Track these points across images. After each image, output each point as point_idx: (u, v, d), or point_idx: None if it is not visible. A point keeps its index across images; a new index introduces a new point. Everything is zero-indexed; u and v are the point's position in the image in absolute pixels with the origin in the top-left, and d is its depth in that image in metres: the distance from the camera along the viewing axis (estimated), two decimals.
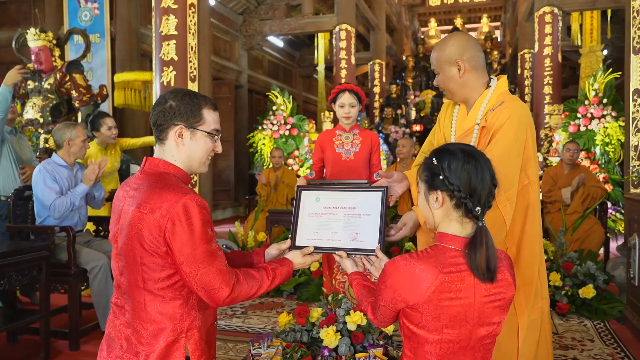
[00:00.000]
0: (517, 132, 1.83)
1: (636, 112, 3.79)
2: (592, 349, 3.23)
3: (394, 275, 1.34)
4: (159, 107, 1.55)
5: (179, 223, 1.41)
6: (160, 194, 1.44)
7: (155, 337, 1.47)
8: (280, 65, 13.41)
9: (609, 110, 6.32)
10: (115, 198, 1.59)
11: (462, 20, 17.07)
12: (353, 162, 3.29)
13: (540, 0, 8.98)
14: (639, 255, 3.36)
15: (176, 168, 1.56)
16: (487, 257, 1.30)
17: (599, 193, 4.79)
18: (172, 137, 1.55)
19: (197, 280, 1.44)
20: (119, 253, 1.51)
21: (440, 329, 1.32)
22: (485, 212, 1.36)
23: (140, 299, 1.47)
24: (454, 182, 1.33)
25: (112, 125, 4.42)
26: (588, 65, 10.43)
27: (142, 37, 7.97)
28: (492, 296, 1.35)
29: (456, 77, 1.94)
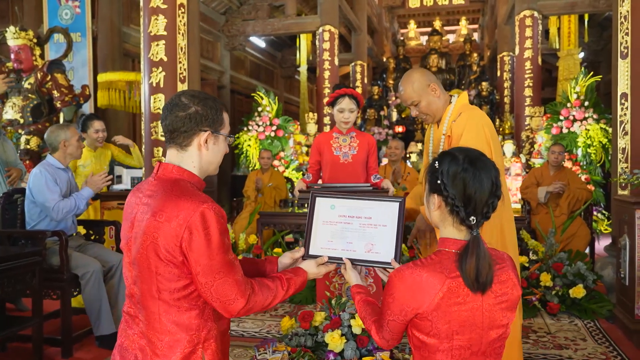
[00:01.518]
0: (477, 133, 2.15)
1: (623, 115, 3.88)
2: (585, 349, 3.29)
3: (401, 286, 1.34)
4: (182, 113, 1.48)
5: (196, 232, 1.37)
6: (177, 202, 1.39)
7: (172, 349, 1.43)
8: (262, 65, 13.34)
9: (591, 113, 6.45)
10: (126, 205, 1.54)
11: (441, 22, 17.25)
12: (351, 165, 3.28)
13: (521, 4, 9.13)
14: (629, 255, 3.44)
15: (191, 174, 1.51)
16: (476, 268, 1.30)
17: (585, 195, 4.90)
18: (197, 143, 1.50)
19: (212, 291, 1.40)
20: (133, 262, 1.46)
21: (451, 336, 1.32)
22: (482, 222, 1.36)
23: (155, 309, 1.43)
24: (449, 189, 1.34)
25: (100, 128, 4.37)
26: (566, 68, 10.64)
27: (125, 37, 7.84)
28: (499, 297, 1.35)
29: (435, 99, 2.31)
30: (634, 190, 3.68)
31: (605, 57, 12.44)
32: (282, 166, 7.58)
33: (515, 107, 9.46)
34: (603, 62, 12.23)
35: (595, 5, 8.93)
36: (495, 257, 1.38)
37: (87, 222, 3.85)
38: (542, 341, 3.42)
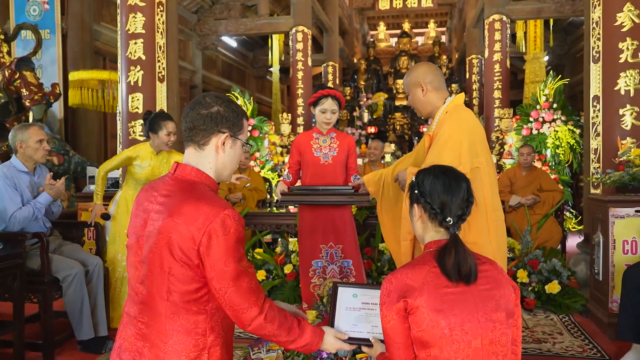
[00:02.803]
0: (450, 134, 2.20)
1: (595, 117, 4.03)
2: (562, 342, 3.41)
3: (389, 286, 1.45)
4: (203, 110, 1.48)
5: (215, 238, 1.36)
6: (197, 205, 1.38)
7: (175, 352, 1.40)
8: (234, 65, 13.26)
9: (559, 115, 6.67)
10: (137, 202, 1.51)
11: (410, 24, 17.50)
12: (331, 166, 3.29)
13: (490, 9, 9.35)
14: (603, 252, 3.58)
15: (208, 177, 1.51)
16: (456, 262, 1.42)
17: (558, 197, 5.08)
18: (214, 143, 1.50)
19: (226, 297, 1.39)
20: (143, 261, 1.43)
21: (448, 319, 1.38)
22: (459, 224, 1.50)
23: (162, 310, 1.40)
24: (426, 196, 1.51)
25: (173, 131, 3.70)
26: (532, 71, 10.96)
27: (96, 34, 7.68)
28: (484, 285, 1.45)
29: (421, 96, 2.37)
30: (607, 189, 3.83)
31: (569, 60, 12.87)
32: (258, 166, 7.56)
33: (484, 109, 9.68)
34: (567, 66, 12.63)
35: (561, 10, 9.24)
36: (477, 255, 1.51)
37: (65, 223, 3.76)
38: (522, 336, 3.52)
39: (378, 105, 13.15)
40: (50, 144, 6.05)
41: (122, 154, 3.64)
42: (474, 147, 2.22)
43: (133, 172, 3.69)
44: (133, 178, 3.71)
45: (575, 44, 12.58)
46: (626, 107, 3.86)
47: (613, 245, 3.48)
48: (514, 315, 1.49)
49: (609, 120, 3.92)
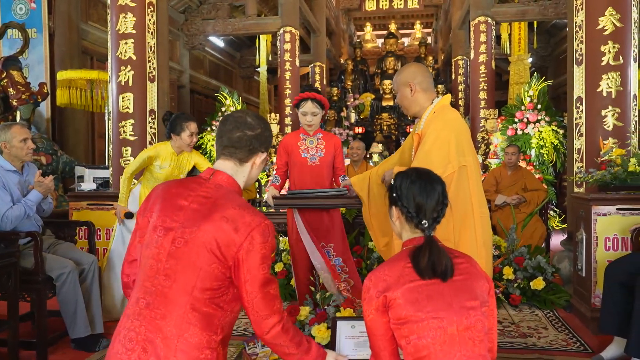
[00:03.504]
0: (438, 134, 2.28)
1: (579, 118, 4.14)
2: (547, 336, 3.51)
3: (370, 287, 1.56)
4: (250, 132, 1.59)
5: (256, 244, 1.47)
6: (241, 212, 1.49)
7: (189, 346, 1.44)
8: (221, 65, 13.26)
9: (543, 116, 6.81)
10: (164, 196, 1.56)
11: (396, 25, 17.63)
12: (318, 167, 3.33)
13: (476, 11, 9.49)
14: (586, 249, 3.69)
15: (240, 187, 1.62)
16: (431, 262, 1.52)
17: (542, 196, 5.21)
18: (252, 161, 1.63)
19: (254, 302, 1.50)
20: (171, 255, 1.48)
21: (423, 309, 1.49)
22: (434, 225, 1.61)
23: (183, 303, 1.45)
24: (403, 199, 1.62)
25: (195, 131, 3.69)
26: (516, 73, 11.12)
27: (83, 34, 7.65)
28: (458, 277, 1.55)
29: (409, 96, 2.45)
30: (590, 188, 3.94)
31: (552, 62, 13.09)
32: None
33: (470, 109, 9.82)
34: (550, 67, 12.84)
35: (545, 13, 9.41)
36: (450, 251, 1.62)
37: (57, 222, 3.77)
38: (508, 331, 3.62)
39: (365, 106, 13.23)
40: (38, 143, 6.06)
41: (143, 155, 3.68)
42: (461, 146, 2.31)
43: (152, 171, 3.73)
44: (152, 177, 3.75)
45: (558, 46, 12.80)
46: (608, 108, 3.97)
47: (595, 242, 3.60)
48: (488, 304, 1.59)
49: (592, 121, 4.03)
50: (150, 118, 4.70)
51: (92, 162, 7.84)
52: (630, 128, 3.96)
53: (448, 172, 2.22)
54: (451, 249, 1.65)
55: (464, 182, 2.28)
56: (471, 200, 2.28)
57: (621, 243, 3.55)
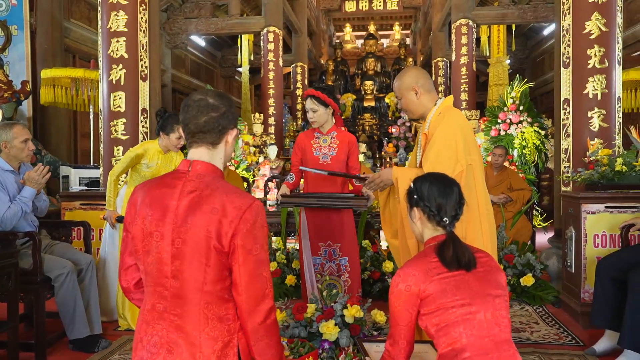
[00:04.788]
0: (446, 134, 2.34)
1: (566, 119, 4.27)
2: (539, 331, 3.62)
3: (399, 282, 1.66)
4: (215, 114, 1.54)
5: (247, 224, 1.44)
6: (229, 198, 1.45)
7: (212, 339, 1.46)
8: (202, 65, 13.17)
9: (525, 117, 6.96)
10: (151, 198, 1.52)
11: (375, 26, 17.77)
12: (329, 167, 3.34)
13: (457, 13, 9.65)
14: (575, 245, 3.81)
15: (220, 170, 1.58)
16: (455, 255, 1.65)
17: (528, 196, 5.35)
18: (225, 140, 1.58)
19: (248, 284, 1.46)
20: (174, 256, 1.46)
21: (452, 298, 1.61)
22: (454, 222, 1.75)
23: (197, 300, 1.46)
24: (425, 200, 1.75)
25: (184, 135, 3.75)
26: (495, 74, 11.35)
27: (66, 31, 7.52)
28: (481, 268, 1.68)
29: (414, 99, 2.49)
30: (577, 187, 4.07)
31: (529, 64, 13.39)
32: (233, 166, 7.57)
33: None
34: (527, 69, 13.13)
35: (524, 16, 9.62)
36: (470, 246, 1.74)
37: (52, 223, 3.72)
38: None
39: (346, 106, 13.31)
40: None
41: (131, 153, 3.61)
42: (467, 145, 2.37)
43: (139, 170, 3.67)
44: (139, 176, 3.68)
45: (535, 49, 13.10)
46: (594, 110, 4.11)
47: (585, 239, 3.72)
48: (505, 294, 1.71)
49: (578, 122, 4.16)
50: (143, 117, 4.67)
51: (75, 161, 7.72)
52: (615, 129, 4.11)
53: (457, 171, 2.28)
54: (471, 245, 1.75)
55: (470, 180, 2.35)
56: (477, 197, 2.35)
57: (609, 240, 3.68)
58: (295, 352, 2.44)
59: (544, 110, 10.94)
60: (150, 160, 3.63)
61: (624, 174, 3.71)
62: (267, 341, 1.49)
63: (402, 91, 2.52)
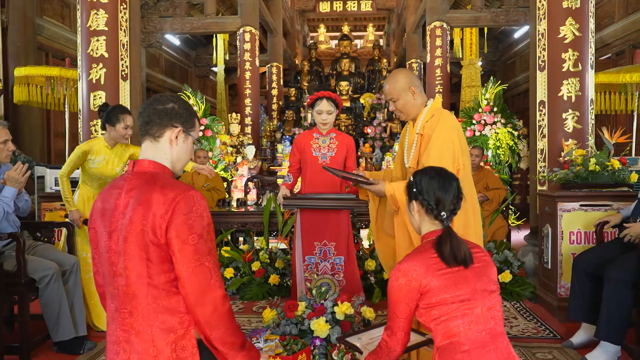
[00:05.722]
0: (445, 135, 2.41)
1: (541, 120, 4.41)
2: (518, 325, 3.73)
3: (399, 276, 1.70)
4: (159, 106, 1.60)
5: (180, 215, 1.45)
6: (163, 191, 1.47)
7: (164, 332, 1.48)
8: (177, 64, 13.04)
9: (499, 118, 7.14)
10: (101, 201, 1.57)
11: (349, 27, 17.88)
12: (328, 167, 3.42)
13: (432, 16, 9.81)
14: (551, 242, 3.95)
15: (166, 168, 1.61)
16: (451, 250, 1.70)
17: (503, 195, 5.49)
18: (168, 137, 1.61)
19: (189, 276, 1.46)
20: (119, 252, 1.49)
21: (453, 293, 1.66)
22: (451, 217, 1.79)
23: (144, 296, 1.48)
24: (424, 193, 1.78)
25: (130, 124, 3.65)
26: (468, 76, 11.57)
27: (39, 29, 7.37)
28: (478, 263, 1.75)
29: (411, 100, 2.53)
30: (553, 186, 4.21)
31: (501, 66, 13.69)
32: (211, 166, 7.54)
33: None
34: (499, 72, 13.42)
35: (496, 20, 9.84)
36: (466, 241, 1.78)
37: (34, 224, 3.66)
38: None
39: None
40: None
41: (77, 151, 3.59)
42: (461, 147, 2.48)
43: (87, 168, 3.65)
44: (87, 175, 3.67)
45: (506, 52, 13.41)
46: (568, 111, 4.26)
47: (561, 237, 3.86)
48: (498, 289, 1.79)
49: (554, 124, 4.31)
50: None
51: (49, 161, 7.56)
52: (588, 130, 4.27)
53: (455, 171, 2.36)
54: (467, 240, 1.80)
55: (465, 181, 2.44)
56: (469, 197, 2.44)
57: (584, 237, 3.82)
58: (289, 350, 2.48)
59: (516, 111, 11.22)
60: (97, 156, 3.61)
61: (598, 173, 3.86)
62: (223, 330, 1.49)
63: (398, 92, 2.52)
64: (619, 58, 8.14)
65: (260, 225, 4.91)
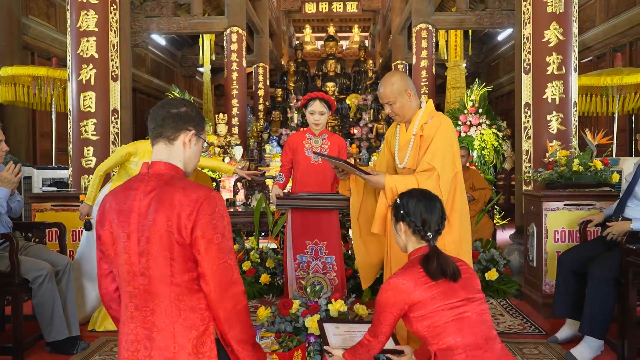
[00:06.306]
0: (446, 136, 2.53)
1: (527, 122, 4.52)
2: (505, 322, 3.83)
3: (388, 289, 1.83)
4: (173, 110, 1.64)
5: (206, 215, 1.50)
6: (186, 193, 1.52)
7: (187, 329, 1.53)
8: (162, 64, 12.99)
9: (484, 119, 7.27)
10: (117, 202, 1.59)
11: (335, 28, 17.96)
12: (321, 167, 3.46)
13: (417, 18, 9.93)
14: (536, 241, 4.05)
15: (179, 169, 1.65)
16: (439, 267, 1.82)
17: (489, 195, 5.61)
18: (182, 140, 1.65)
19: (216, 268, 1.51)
20: (141, 254, 1.53)
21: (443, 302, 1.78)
22: (436, 237, 1.91)
23: (167, 294, 1.52)
24: (410, 215, 1.91)
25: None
26: (453, 78, 11.71)
27: (25, 28, 7.31)
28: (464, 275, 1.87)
29: (408, 103, 2.60)
30: (538, 186, 4.32)
31: (485, 68, 13.88)
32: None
33: None
34: (483, 73, 13.61)
35: (481, 22, 9.97)
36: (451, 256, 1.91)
37: (25, 224, 3.66)
38: None
39: None
40: None
41: (121, 151, 3.62)
42: (457, 151, 2.59)
43: (128, 168, 3.67)
44: (127, 173, 3.69)
45: (490, 54, 13.59)
46: (553, 113, 4.37)
47: (546, 235, 3.96)
48: (483, 296, 1.91)
49: (538, 125, 4.41)
50: (113, 117, 4.63)
51: (34, 162, 7.50)
52: (571, 131, 4.38)
53: (453, 172, 2.50)
54: (451, 255, 1.92)
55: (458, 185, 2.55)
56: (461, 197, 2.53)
57: (568, 235, 3.94)
58: (285, 346, 2.53)
59: (499, 112, 11.39)
60: (140, 158, 3.64)
61: (581, 173, 3.97)
62: (240, 327, 1.56)
63: (395, 96, 2.58)
64: (600, 61, 8.32)
65: (249, 225, 4.95)
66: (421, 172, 2.45)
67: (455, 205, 2.58)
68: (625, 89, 5.91)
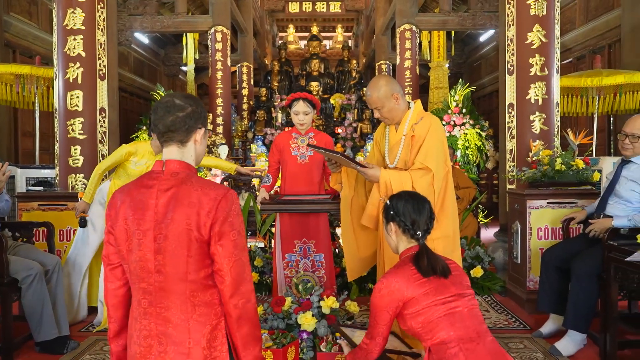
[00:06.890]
0: (438, 136, 2.60)
1: (510, 122, 4.62)
2: (490, 318, 3.91)
3: (382, 289, 1.90)
4: (181, 113, 1.61)
5: (224, 213, 1.53)
6: (204, 191, 1.54)
7: (201, 324, 1.55)
8: (145, 62, 12.89)
9: (468, 119, 7.38)
10: (131, 199, 1.59)
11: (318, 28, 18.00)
12: (308, 166, 3.49)
13: (401, 19, 10.01)
14: (520, 238, 4.15)
15: (193, 167, 1.66)
16: (430, 264, 1.90)
17: (473, 193, 5.70)
18: (193, 139, 1.65)
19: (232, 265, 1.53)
20: (157, 251, 1.54)
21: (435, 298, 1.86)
22: (426, 236, 2.01)
23: (182, 291, 1.54)
24: (400, 216, 1.99)
25: None
26: (436, 78, 11.87)
27: (6, 25, 7.21)
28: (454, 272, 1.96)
29: (396, 106, 2.66)
30: (521, 184, 4.41)
31: (467, 69, 14.06)
32: None
33: None
34: (465, 74, 13.78)
35: (463, 24, 10.09)
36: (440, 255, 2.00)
37: (12, 224, 3.63)
38: None
39: None
40: None
41: (121, 150, 3.62)
42: (447, 149, 2.68)
43: (127, 167, 3.67)
44: (126, 173, 3.69)
45: (472, 54, 13.77)
46: (536, 114, 4.47)
47: (530, 233, 4.06)
48: (472, 292, 1.99)
49: (522, 125, 4.51)
50: (101, 116, 4.61)
51: (16, 161, 7.40)
52: (554, 131, 4.49)
53: (445, 171, 2.57)
54: (440, 255, 2.00)
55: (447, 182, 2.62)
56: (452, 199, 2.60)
57: (552, 233, 4.04)
58: (278, 343, 2.56)
59: (482, 112, 11.54)
60: (140, 158, 3.64)
61: (563, 172, 4.07)
62: (248, 326, 1.57)
63: (382, 100, 2.63)
64: (579, 62, 8.51)
65: None
66: (416, 170, 2.52)
67: (446, 202, 2.65)
68: (604, 90, 6.06)
